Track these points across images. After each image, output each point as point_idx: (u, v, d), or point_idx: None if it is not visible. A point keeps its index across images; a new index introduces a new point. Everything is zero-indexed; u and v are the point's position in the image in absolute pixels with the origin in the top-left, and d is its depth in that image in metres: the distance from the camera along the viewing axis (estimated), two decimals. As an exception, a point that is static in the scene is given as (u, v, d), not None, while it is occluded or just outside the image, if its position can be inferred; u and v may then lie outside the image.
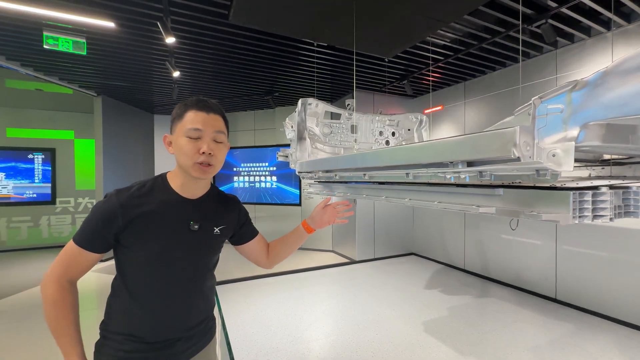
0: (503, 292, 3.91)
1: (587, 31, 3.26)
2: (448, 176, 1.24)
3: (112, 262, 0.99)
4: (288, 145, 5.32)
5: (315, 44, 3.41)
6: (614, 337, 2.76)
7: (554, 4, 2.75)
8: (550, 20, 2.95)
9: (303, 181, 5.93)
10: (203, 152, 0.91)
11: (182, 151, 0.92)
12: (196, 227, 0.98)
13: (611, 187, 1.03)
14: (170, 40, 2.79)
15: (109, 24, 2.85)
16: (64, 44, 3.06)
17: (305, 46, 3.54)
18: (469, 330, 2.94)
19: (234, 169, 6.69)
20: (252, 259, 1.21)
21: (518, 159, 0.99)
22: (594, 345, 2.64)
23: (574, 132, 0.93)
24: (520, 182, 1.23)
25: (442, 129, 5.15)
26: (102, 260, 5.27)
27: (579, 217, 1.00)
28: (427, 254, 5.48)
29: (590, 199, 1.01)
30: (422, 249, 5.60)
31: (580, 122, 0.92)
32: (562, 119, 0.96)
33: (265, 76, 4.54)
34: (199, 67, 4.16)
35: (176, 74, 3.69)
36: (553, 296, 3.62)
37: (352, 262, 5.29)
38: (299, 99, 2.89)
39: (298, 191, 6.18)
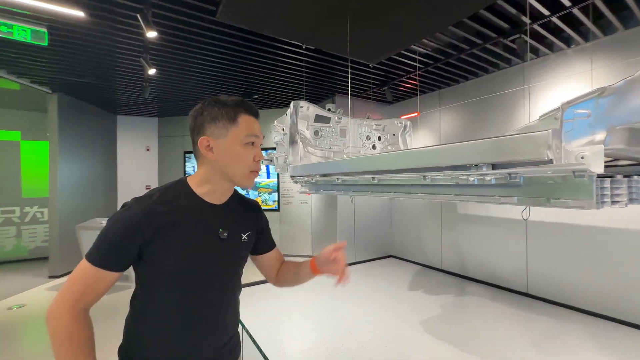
0: (480, 290, 4.11)
1: (550, 47, 3.59)
2: (471, 178, 1.26)
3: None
4: (272, 149, 5.19)
5: (303, 47, 3.36)
6: (584, 327, 3.00)
7: (527, 20, 2.99)
8: (522, 35, 3.20)
9: (295, 184, 5.83)
10: (257, 160, 0.90)
11: (239, 159, 0.87)
12: (225, 234, 0.91)
13: (624, 175, 1.11)
14: (151, 34, 2.58)
15: (78, 14, 2.57)
16: (21, 32, 2.70)
17: (289, 47, 3.48)
18: (457, 329, 3.03)
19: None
20: (264, 272, 1.13)
21: (550, 161, 1.03)
22: (569, 335, 2.86)
23: (601, 135, 0.98)
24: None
25: (419, 135, 5.34)
26: (56, 276, 4.70)
27: (601, 202, 1.06)
28: (405, 255, 5.62)
29: (609, 185, 1.07)
30: (400, 251, 5.74)
31: (607, 125, 0.98)
32: (589, 123, 1.02)
33: (245, 77, 4.40)
34: (176, 65, 3.91)
35: (152, 71, 3.43)
36: (525, 291, 3.88)
37: (334, 266, 5.25)
38: (278, 102, 2.82)
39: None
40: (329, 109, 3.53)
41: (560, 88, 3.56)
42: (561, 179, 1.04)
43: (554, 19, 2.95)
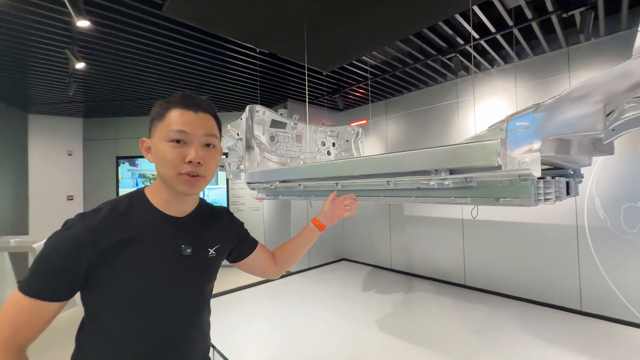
0: (426, 285, 4.44)
1: (478, 66, 4.10)
2: (432, 183, 1.35)
3: None
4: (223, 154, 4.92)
5: (257, 50, 3.29)
6: (514, 312, 3.43)
7: (461, 41, 3.37)
8: (457, 54, 3.60)
9: (245, 191, 5.58)
10: (190, 161, 0.74)
11: (164, 160, 0.74)
12: (189, 250, 0.82)
13: (552, 176, 1.31)
14: (82, 23, 2.27)
15: (-16, -9, 2.14)
16: None
17: (242, 50, 3.38)
18: (409, 324, 3.21)
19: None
20: (259, 271, 1.09)
21: (499, 167, 1.16)
22: (502, 319, 3.24)
23: (537, 144, 1.15)
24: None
25: (367, 142, 5.60)
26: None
27: (537, 200, 1.24)
28: (357, 257, 5.81)
29: (542, 186, 1.26)
30: (352, 254, 5.91)
31: (541, 136, 1.15)
32: (527, 134, 1.18)
33: (192, 78, 4.13)
34: (110, 60, 3.49)
35: (80, 65, 3.01)
36: (463, 283, 4.30)
37: (289, 273, 5.18)
38: (227, 106, 2.72)
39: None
40: (281, 114, 3.50)
41: (487, 102, 4.08)
42: (508, 182, 1.18)
43: (482, 42, 3.38)
